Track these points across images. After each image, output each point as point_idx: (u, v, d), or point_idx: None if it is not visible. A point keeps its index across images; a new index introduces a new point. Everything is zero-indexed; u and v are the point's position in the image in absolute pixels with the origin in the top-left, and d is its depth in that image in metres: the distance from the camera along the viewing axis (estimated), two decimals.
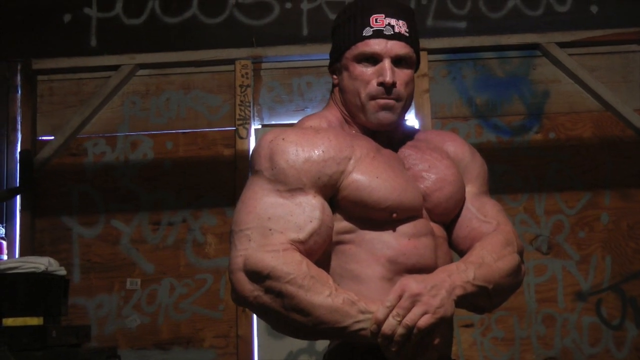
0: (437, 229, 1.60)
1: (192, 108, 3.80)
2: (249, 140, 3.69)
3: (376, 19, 1.57)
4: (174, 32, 3.81)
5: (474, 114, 3.72)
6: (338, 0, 3.79)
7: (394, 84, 1.56)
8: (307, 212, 1.44)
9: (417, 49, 1.62)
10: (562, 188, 3.64)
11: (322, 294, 1.37)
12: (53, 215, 3.75)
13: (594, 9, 3.71)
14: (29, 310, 2.97)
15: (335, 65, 1.64)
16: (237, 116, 3.71)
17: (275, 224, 1.42)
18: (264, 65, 3.79)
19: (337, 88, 1.65)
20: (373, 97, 1.57)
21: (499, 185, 3.65)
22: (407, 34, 1.58)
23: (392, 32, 1.56)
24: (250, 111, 3.71)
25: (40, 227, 3.75)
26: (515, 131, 3.70)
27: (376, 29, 1.56)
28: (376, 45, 1.56)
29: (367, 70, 1.57)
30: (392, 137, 1.65)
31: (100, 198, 3.75)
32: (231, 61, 3.75)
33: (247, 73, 3.73)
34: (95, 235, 3.73)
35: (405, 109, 1.62)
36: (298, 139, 1.50)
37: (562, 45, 3.68)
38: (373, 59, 1.57)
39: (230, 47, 3.76)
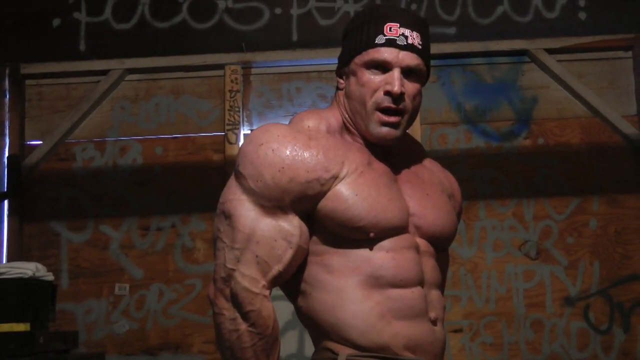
0: (423, 244, 1.57)
1: (181, 113, 3.79)
2: (239, 145, 3.68)
3: (390, 28, 1.53)
4: (163, 37, 3.81)
5: (462, 120, 3.73)
6: (328, 6, 3.80)
7: (401, 95, 1.53)
8: (287, 237, 1.48)
9: (428, 63, 1.58)
10: (550, 194, 3.66)
11: None
12: (41, 220, 3.73)
13: (582, 15, 3.73)
14: (16, 316, 2.96)
15: (343, 69, 1.61)
16: (227, 121, 3.71)
17: (261, 250, 1.47)
18: (253, 71, 3.79)
19: (342, 92, 1.61)
20: (379, 107, 1.54)
21: (487, 190, 3.66)
22: (419, 46, 1.55)
23: (405, 43, 1.53)
24: (239, 116, 3.71)
25: (28, 232, 3.73)
26: (504, 137, 3.71)
27: (389, 38, 1.53)
28: (387, 54, 1.53)
29: (376, 78, 1.54)
30: (391, 148, 1.61)
31: (89, 203, 3.74)
32: (221, 66, 3.74)
33: (236, 78, 3.73)
34: (83, 240, 3.72)
35: (409, 123, 1.59)
36: (287, 151, 1.48)
37: (551, 51, 3.70)
38: (383, 68, 1.54)
39: (219, 52, 3.75)
